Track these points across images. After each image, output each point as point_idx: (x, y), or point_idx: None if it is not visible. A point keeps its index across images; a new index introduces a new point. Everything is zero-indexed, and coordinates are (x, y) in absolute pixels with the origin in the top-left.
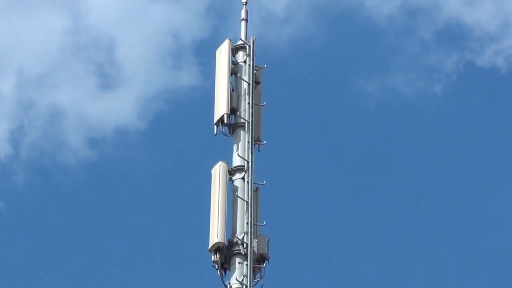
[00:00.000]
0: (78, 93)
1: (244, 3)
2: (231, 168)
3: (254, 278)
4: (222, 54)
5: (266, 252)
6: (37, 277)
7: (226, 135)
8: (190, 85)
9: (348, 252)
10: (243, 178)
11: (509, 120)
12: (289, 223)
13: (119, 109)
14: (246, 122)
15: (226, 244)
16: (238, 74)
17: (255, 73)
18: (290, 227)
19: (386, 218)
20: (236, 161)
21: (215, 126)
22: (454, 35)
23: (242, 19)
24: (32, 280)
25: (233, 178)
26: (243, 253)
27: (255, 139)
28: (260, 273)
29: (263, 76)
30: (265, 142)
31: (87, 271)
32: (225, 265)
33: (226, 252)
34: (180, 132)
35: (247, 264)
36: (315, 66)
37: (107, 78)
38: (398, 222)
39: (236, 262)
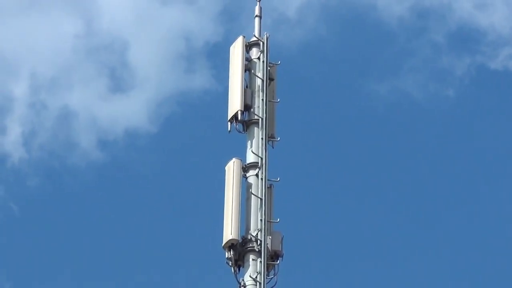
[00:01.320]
0: (89, 95)
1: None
2: (245, 165)
3: (268, 275)
4: (236, 50)
5: (280, 249)
6: (49, 277)
7: (239, 131)
8: (203, 88)
9: (361, 249)
10: (257, 175)
11: None
12: (303, 220)
13: (131, 111)
14: (260, 119)
15: (240, 241)
16: (252, 71)
17: (269, 69)
18: (304, 224)
19: (398, 216)
20: (250, 158)
21: (228, 123)
22: (466, 38)
23: (256, 16)
24: (44, 280)
25: (247, 174)
26: (257, 250)
27: (269, 135)
28: (274, 270)
29: (277, 73)
30: (278, 139)
31: (99, 270)
32: (239, 262)
33: (240, 249)
34: (192, 132)
35: (261, 261)
36: (326, 67)
37: (119, 81)
38: (410, 221)
39: (250, 259)
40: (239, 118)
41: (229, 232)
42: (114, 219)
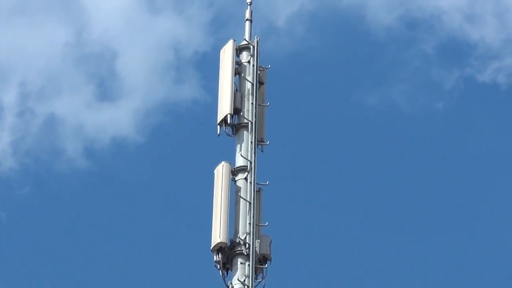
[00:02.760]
0: (78, 104)
1: (248, 3)
2: (234, 168)
3: (256, 278)
4: (226, 54)
5: (268, 253)
6: (36, 283)
7: (229, 135)
8: (191, 98)
9: (350, 253)
10: (246, 179)
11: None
12: (292, 224)
13: (118, 120)
14: (250, 123)
15: (228, 244)
16: (242, 74)
17: (259, 73)
18: (292, 227)
19: (386, 220)
20: (239, 162)
21: (218, 126)
22: (456, 50)
23: (246, 20)
24: (31, 286)
25: (236, 178)
26: (245, 253)
27: (258, 139)
28: (262, 273)
29: (267, 77)
30: (268, 142)
31: (87, 275)
32: (227, 265)
33: (228, 252)
34: (181, 138)
35: (249, 265)
36: (314, 77)
37: (107, 90)
38: (398, 225)
39: (238, 263)
40: (228, 122)
41: (218, 235)
42: (103, 225)
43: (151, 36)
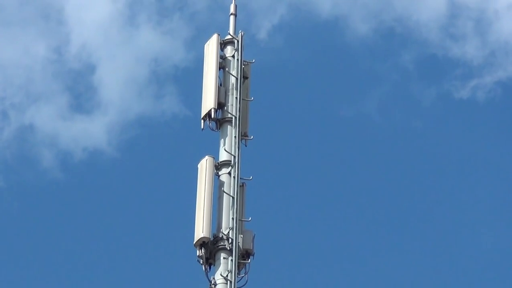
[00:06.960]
0: (54, 116)
1: None
2: (218, 163)
3: (238, 273)
4: (211, 48)
5: (251, 248)
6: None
7: (213, 129)
8: (171, 113)
9: (333, 248)
10: (229, 173)
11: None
12: (275, 219)
13: (95, 133)
14: (233, 117)
15: (211, 239)
16: (226, 69)
17: (243, 67)
18: (276, 223)
19: (368, 216)
20: (223, 156)
21: (202, 121)
22: (434, 66)
23: (231, 14)
24: None
25: (220, 173)
26: (228, 248)
27: (242, 134)
28: (245, 268)
29: (251, 71)
30: (252, 137)
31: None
32: (210, 260)
33: (211, 247)
34: (162, 138)
35: (232, 260)
36: (292, 86)
37: (85, 103)
38: (379, 220)
39: (221, 257)
40: (212, 116)
41: (201, 230)
42: (87, 217)
43: (131, 50)
